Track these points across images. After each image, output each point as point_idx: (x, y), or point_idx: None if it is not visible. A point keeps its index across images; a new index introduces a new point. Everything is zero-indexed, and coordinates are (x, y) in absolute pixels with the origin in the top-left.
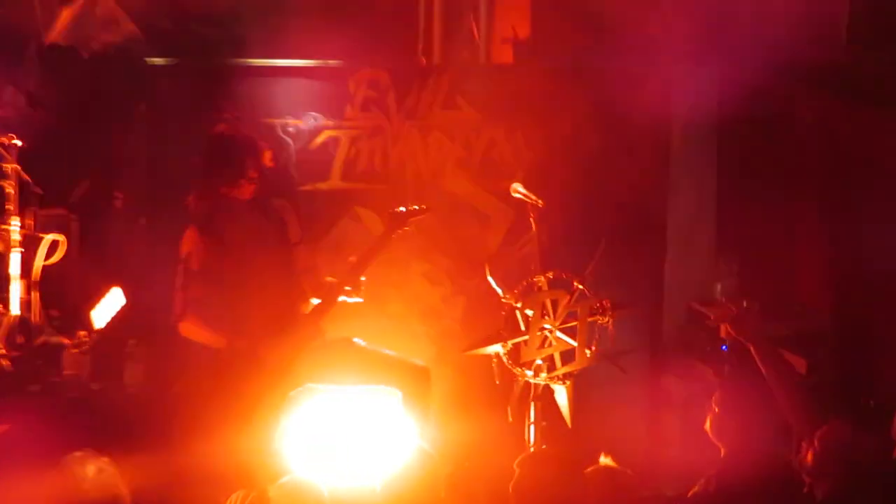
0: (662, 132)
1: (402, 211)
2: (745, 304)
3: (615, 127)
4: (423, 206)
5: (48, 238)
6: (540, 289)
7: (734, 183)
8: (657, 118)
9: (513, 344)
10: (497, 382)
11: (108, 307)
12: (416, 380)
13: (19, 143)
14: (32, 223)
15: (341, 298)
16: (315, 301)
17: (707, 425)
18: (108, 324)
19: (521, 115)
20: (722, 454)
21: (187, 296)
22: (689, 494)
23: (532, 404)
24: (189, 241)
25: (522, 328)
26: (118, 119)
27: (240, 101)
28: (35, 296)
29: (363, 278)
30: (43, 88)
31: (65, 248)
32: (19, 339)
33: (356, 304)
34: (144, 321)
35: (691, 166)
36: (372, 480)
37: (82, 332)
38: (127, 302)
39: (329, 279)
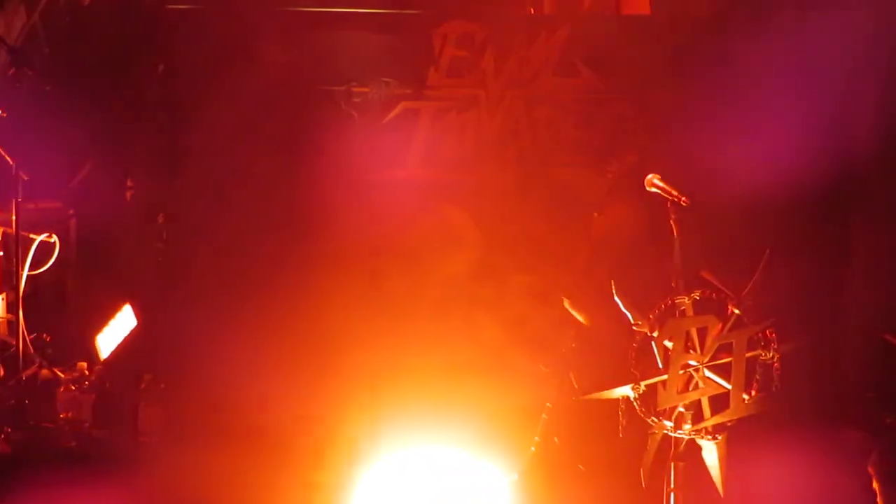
0: (866, 105)
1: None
2: None
3: (794, 100)
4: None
5: (37, 239)
6: (683, 313)
7: None
8: (856, 85)
9: (647, 386)
10: (621, 436)
11: (116, 331)
12: None
13: None
14: (15, 219)
15: None
16: None
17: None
18: (116, 353)
19: (658, 83)
20: None
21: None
22: None
23: (672, 465)
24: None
25: (660, 365)
26: (128, 83)
27: (287, 60)
28: (19, 314)
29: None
30: (31, 42)
31: (58, 251)
32: None
33: (442, 329)
34: (163, 350)
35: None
36: None
37: (82, 364)
38: (140, 324)
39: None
